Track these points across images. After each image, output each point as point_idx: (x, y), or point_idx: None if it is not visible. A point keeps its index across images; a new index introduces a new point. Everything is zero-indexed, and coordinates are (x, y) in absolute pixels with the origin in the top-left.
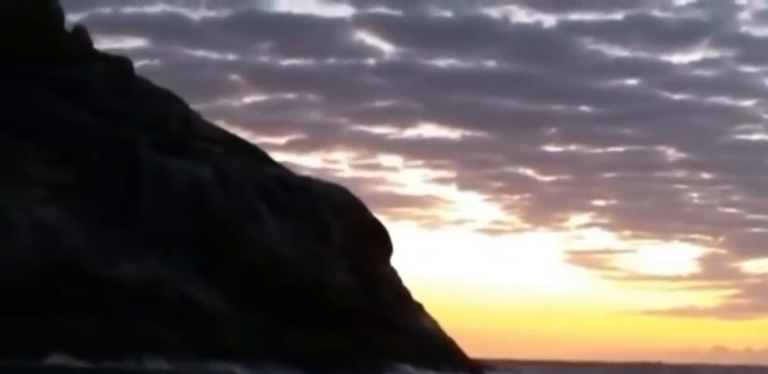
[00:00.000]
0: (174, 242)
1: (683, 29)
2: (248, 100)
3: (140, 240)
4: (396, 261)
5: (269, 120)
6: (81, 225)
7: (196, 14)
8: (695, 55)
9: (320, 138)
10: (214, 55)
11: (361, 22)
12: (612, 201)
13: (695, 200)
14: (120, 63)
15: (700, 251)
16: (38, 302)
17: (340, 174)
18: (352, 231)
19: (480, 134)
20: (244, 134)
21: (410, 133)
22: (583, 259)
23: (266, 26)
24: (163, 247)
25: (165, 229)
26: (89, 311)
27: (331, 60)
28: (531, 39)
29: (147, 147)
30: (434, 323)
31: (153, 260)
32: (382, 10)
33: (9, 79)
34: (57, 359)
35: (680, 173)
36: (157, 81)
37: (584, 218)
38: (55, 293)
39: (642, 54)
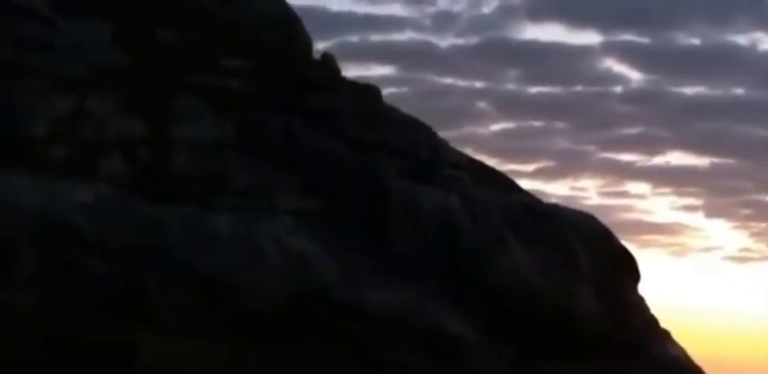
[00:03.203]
0: (422, 270)
1: None
2: (495, 127)
3: (389, 268)
4: (643, 288)
5: (516, 147)
6: (330, 253)
7: (444, 42)
8: None
9: (568, 166)
10: (461, 82)
11: (608, 49)
12: None
13: None
14: (367, 90)
15: None
16: (287, 330)
17: (588, 202)
18: (599, 259)
19: (728, 161)
20: (491, 161)
21: (658, 160)
22: None
23: (514, 53)
24: (412, 275)
25: (413, 257)
26: (339, 340)
27: (578, 88)
28: None
29: (395, 175)
30: (683, 351)
31: (402, 288)
32: (630, 37)
33: (259, 107)
34: None
35: None
36: (405, 108)
37: None
38: (305, 321)
39: None
